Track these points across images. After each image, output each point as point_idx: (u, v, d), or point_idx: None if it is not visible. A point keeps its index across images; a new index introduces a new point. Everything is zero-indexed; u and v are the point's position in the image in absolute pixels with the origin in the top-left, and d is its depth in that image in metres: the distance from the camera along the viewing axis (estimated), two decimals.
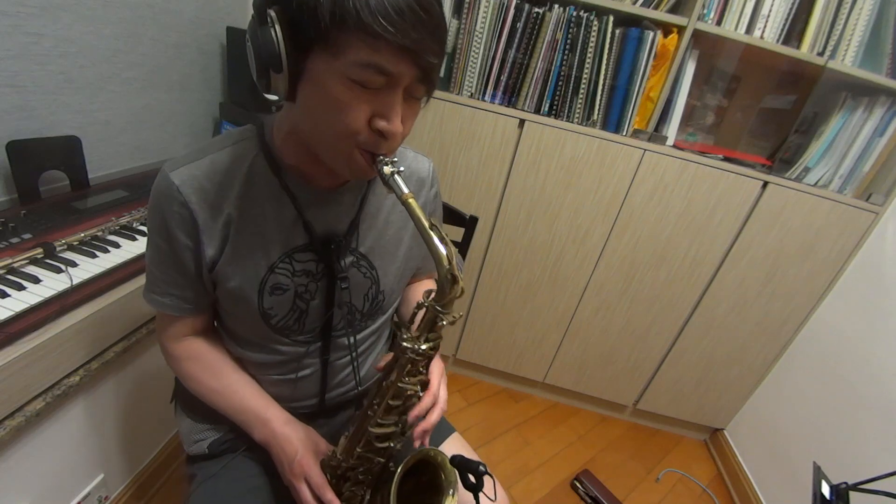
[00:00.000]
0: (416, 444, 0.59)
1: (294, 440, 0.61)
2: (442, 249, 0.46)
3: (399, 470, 0.56)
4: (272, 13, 0.44)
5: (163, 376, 1.06)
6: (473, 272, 1.64)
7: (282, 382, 0.69)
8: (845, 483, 0.73)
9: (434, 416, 0.59)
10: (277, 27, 0.44)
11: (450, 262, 0.47)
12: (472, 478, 0.56)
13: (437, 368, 0.63)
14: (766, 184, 1.37)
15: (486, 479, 0.56)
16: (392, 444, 0.59)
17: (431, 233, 0.46)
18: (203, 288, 0.61)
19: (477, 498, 0.57)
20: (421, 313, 0.53)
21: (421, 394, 0.58)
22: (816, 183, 1.38)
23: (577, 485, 1.50)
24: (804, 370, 1.52)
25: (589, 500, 1.47)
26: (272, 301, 0.61)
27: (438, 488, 0.60)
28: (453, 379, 1.87)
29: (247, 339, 0.66)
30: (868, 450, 1.22)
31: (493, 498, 0.59)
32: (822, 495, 0.72)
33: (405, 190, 0.47)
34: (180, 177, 0.54)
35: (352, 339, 0.68)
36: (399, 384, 0.55)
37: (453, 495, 0.59)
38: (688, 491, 1.61)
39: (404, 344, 0.53)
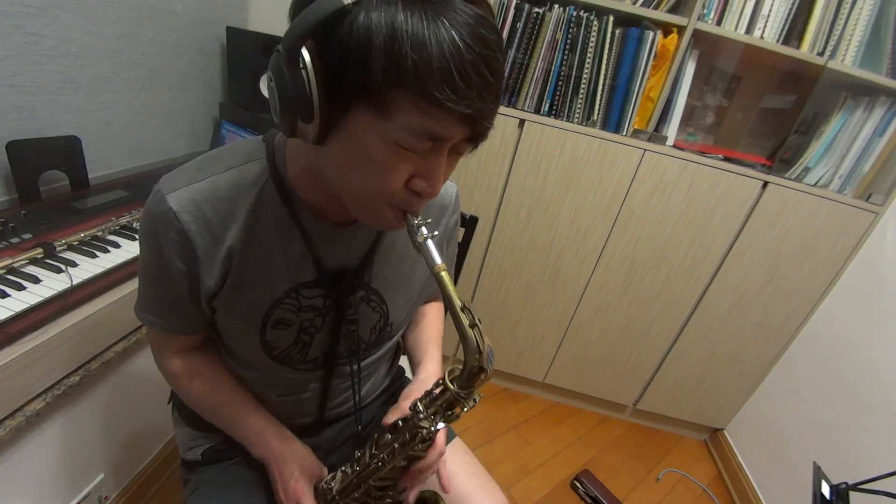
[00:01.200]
0: (411, 498, 0.59)
1: (290, 462, 0.60)
2: (473, 339, 0.43)
3: None
4: (306, 57, 0.37)
5: (162, 376, 1.06)
6: (473, 272, 1.64)
7: (280, 402, 0.67)
8: (845, 483, 0.73)
9: (434, 468, 0.59)
10: (312, 74, 0.37)
11: (480, 353, 0.43)
12: None
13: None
14: (766, 184, 1.37)
15: None
16: (391, 493, 0.59)
17: (462, 315, 0.43)
18: (199, 311, 0.57)
19: None
20: (439, 391, 0.50)
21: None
22: (816, 183, 1.38)
23: (577, 485, 1.50)
24: (804, 370, 1.52)
25: (589, 500, 1.47)
26: (275, 335, 0.58)
27: None
28: None
29: (245, 361, 0.64)
30: (868, 450, 1.22)
31: None
32: (822, 495, 0.73)
33: (438, 261, 0.43)
34: (179, 201, 0.48)
35: (355, 367, 0.65)
36: (410, 453, 0.53)
37: None
38: (688, 491, 1.61)
39: (421, 424, 0.50)
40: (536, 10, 1.29)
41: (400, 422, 0.54)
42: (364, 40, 0.35)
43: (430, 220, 0.45)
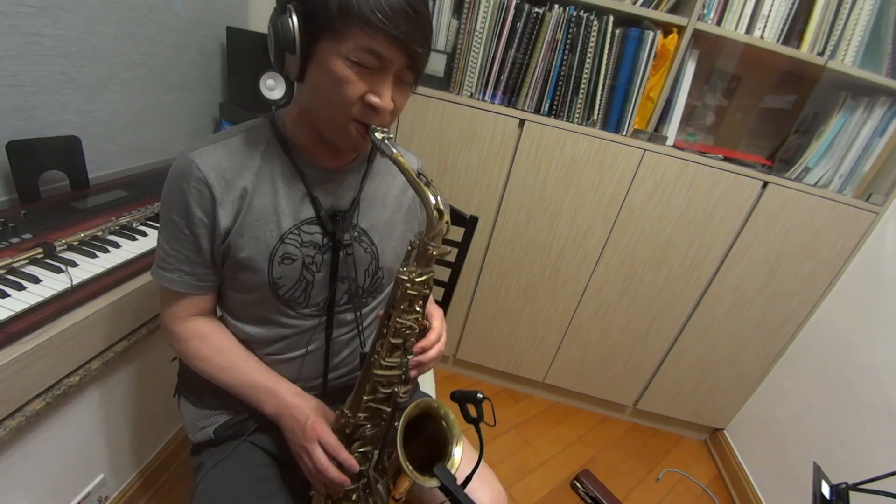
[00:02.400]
0: (413, 373, 0.64)
1: (305, 408, 0.64)
2: (428, 192, 0.54)
3: (403, 418, 0.58)
4: (291, 6, 0.54)
5: (163, 376, 1.06)
6: (473, 272, 1.64)
7: (287, 361, 0.71)
8: (845, 483, 0.73)
9: (433, 352, 0.65)
10: (295, 17, 0.54)
11: (436, 199, 0.54)
12: (471, 411, 0.61)
13: (437, 313, 0.71)
14: (766, 184, 1.37)
15: (486, 404, 0.62)
16: (396, 390, 0.62)
17: (419, 180, 0.55)
18: (213, 266, 0.65)
19: (479, 429, 0.61)
20: (414, 252, 0.59)
21: (417, 331, 0.63)
22: (816, 183, 1.39)
23: (577, 485, 1.50)
24: (804, 370, 1.52)
25: (589, 500, 1.47)
26: (281, 271, 0.65)
27: (444, 440, 0.62)
28: (453, 379, 1.87)
29: (253, 314, 0.69)
30: (868, 450, 1.22)
31: (493, 423, 0.65)
32: (822, 495, 0.72)
33: (394, 150, 0.56)
34: (200, 156, 0.61)
35: (358, 314, 0.74)
36: (398, 320, 0.60)
37: (458, 444, 0.61)
38: (688, 491, 1.61)
39: (401, 276, 0.58)
40: (536, 10, 1.30)
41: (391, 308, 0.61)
42: None
43: (387, 130, 0.58)
